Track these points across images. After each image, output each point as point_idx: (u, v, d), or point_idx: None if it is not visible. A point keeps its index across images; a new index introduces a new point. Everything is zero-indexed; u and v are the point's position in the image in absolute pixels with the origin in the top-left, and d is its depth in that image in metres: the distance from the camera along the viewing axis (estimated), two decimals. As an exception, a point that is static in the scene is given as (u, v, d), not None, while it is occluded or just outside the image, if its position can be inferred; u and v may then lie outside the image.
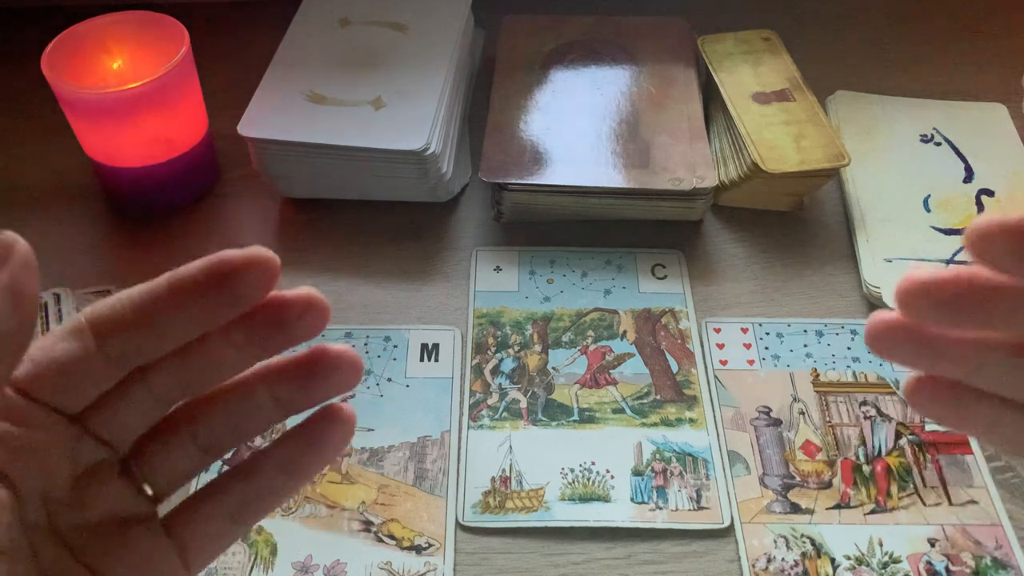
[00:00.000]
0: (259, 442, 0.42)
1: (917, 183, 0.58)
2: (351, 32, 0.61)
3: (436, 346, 0.50)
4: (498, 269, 0.54)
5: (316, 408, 0.29)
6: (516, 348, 0.50)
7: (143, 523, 0.28)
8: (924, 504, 0.43)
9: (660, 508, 0.43)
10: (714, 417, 0.47)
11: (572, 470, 0.45)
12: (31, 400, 0.26)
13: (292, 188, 0.58)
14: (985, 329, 0.27)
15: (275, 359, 0.28)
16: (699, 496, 0.44)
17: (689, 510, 0.43)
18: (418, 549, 0.42)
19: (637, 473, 0.45)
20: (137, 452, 0.28)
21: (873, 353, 0.41)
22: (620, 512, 0.43)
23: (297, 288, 0.26)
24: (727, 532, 0.43)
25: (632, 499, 0.44)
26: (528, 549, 0.42)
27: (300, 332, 0.27)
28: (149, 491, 0.28)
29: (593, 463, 0.45)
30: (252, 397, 0.28)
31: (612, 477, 0.44)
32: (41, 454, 0.26)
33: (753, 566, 0.41)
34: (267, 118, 0.54)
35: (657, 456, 0.45)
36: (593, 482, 0.44)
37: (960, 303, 0.26)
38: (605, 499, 0.44)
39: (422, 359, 0.49)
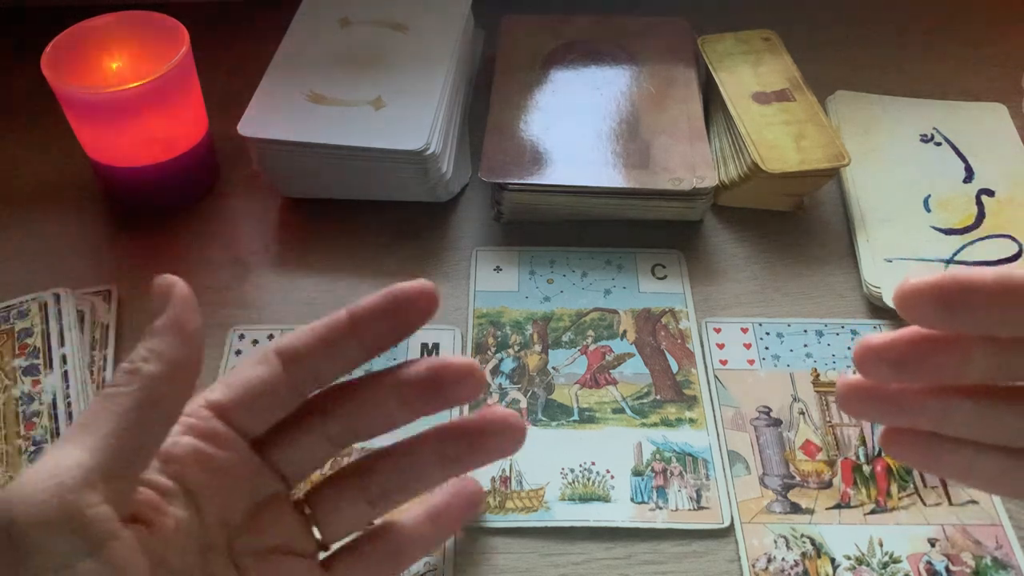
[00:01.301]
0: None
1: (917, 183, 0.58)
2: (351, 32, 0.61)
3: (436, 346, 0.50)
4: (498, 269, 0.54)
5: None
6: (516, 348, 0.50)
7: (306, 559, 0.31)
8: (924, 504, 0.43)
9: (660, 508, 0.43)
10: (714, 417, 0.47)
11: (572, 470, 0.45)
12: (225, 423, 0.29)
13: (292, 188, 0.58)
14: (939, 381, 0.28)
15: (446, 422, 0.32)
16: (699, 496, 0.44)
17: (689, 510, 0.43)
18: (418, 549, 0.42)
19: (637, 473, 0.45)
20: (312, 497, 0.32)
21: (846, 414, 0.42)
22: (620, 512, 0.43)
23: (461, 357, 0.31)
24: (727, 532, 0.43)
25: (632, 499, 0.44)
26: (528, 549, 0.42)
27: (457, 397, 0.31)
28: (318, 534, 0.31)
29: (593, 463, 0.45)
30: (420, 455, 0.32)
31: (612, 477, 0.44)
32: (230, 477, 0.29)
33: (753, 566, 0.41)
34: (267, 118, 0.54)
35: (657, 456, 0.45)
36: (593, 482, 0.44)
37: (906, 361, 0.27)
38: (605, 499, 0.44)
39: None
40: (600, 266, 0.54)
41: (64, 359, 0.47)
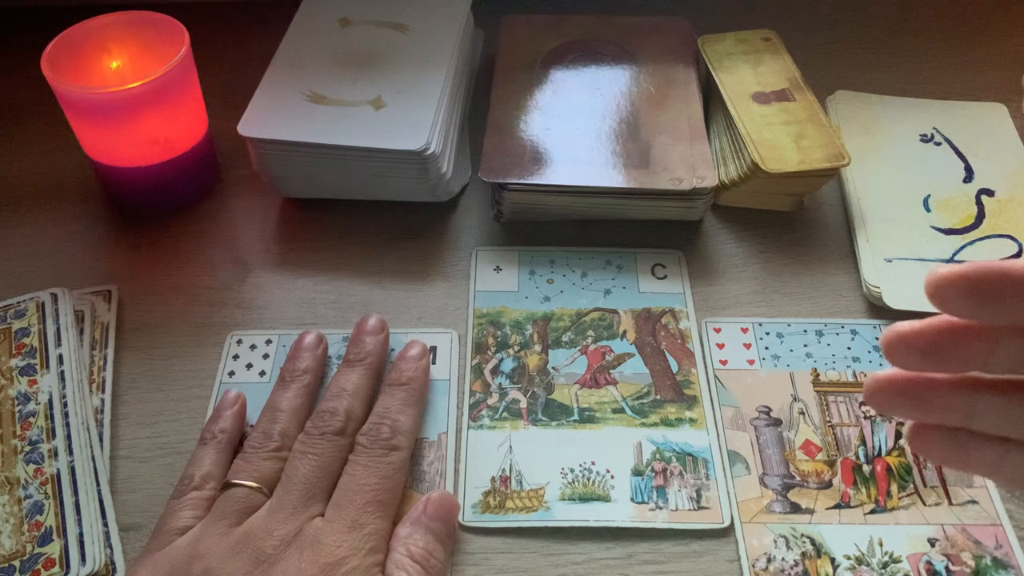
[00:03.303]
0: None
1: (917, 183, 0.58)
2: (351, 32, 0.61)
3: (434, 349, 0.50)
4: (498, 269, 0.54)
5: None
6: (516, 348, 0.50)
7: None
8: (924, 504, 0.43)
9: (660, 508, 0.43)
10: (714, 417, 0.47)
11: (572, 470, 0.45)
12: None
13: (292, 188, 0.58)
14: (967, 370, 0.29)
15: None
16: (699, 496, 0.44)
17: (689, 510, 0.43)
18: (418, 549, 0.42)
19: (637, 473, 0.44)
20: None
21: (873, 410, 0.42)
22: (620, 512, 0.43)
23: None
24: (727, 532, 0.42)
25: (632, 499, 0.43)
26: (528, 549, 0.42)
27: None
28: None
29: (593, 463, 0.45)
30: None
31: (612, 477, 0.44)
32: None
33: (753, 566, 0.41)
34: (267, 118, 0.54)
35: (657, 456, 0.45)
36: (593, 482, 0.44)
37: (936, 349, 0.28)
38: (605, 499, 0.43)
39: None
40: (600, 266, 0.54)
41: (60, 359, 0.47)
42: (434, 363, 0.49)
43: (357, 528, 0.38)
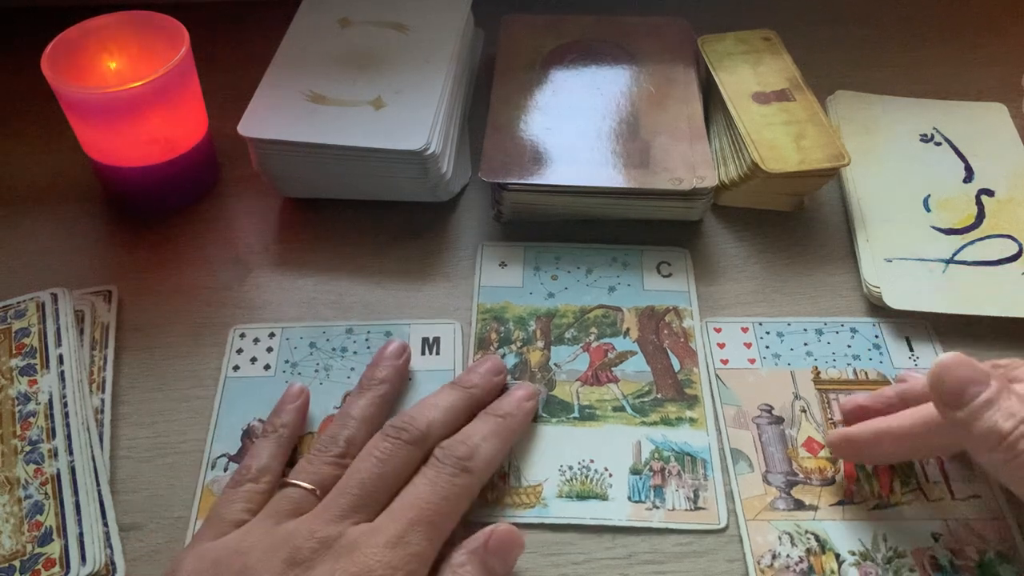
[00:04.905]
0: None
1: (917, 183, 0.58)
2: (351, 32, 0.61)
3: (437, 340, 0.50)
4: (503, 265, 0.54)
5: None
6: (519, 344, 0.50)
7: None
8: (928, 499, 0.43)
9: (657, 507, 0.43)
10: (715, 417, 0.47)
11: (571, 467, 0.44)
12: None
13: (292, 188, 0.58)
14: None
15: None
16: (696, 496, 0.43)
17: (686, 510, 0.43)
18: (419, 547, 0.42)
19: (635, 472, 0.44)
20: None
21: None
22: (617, 511, 0.43)
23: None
24: (724, 533, 0.42)
25: (629, 498, 0.43)
26: (528, 549, 0.42)
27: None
28: None
29: (592, 461, 0.45)
30: None
31: (610, 475, 0.44)
32: None
33: (758, 563, 0.41)
34: (267, 118, 0.54)
35: (656, 455, 0.45)
36: (591, 480, 0.44)
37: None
38: (602, 497, 0.43)
39: (423, 352, 0.49)
40: (606, 263, 0.54)
41: (61, 359, 0.47)
42: (437, 354, 0.49)
43: (400, 546, 0.36)
